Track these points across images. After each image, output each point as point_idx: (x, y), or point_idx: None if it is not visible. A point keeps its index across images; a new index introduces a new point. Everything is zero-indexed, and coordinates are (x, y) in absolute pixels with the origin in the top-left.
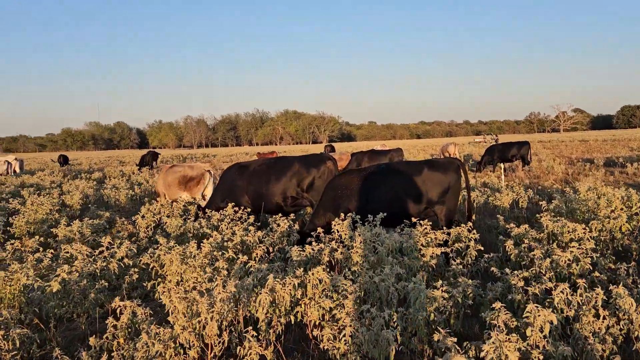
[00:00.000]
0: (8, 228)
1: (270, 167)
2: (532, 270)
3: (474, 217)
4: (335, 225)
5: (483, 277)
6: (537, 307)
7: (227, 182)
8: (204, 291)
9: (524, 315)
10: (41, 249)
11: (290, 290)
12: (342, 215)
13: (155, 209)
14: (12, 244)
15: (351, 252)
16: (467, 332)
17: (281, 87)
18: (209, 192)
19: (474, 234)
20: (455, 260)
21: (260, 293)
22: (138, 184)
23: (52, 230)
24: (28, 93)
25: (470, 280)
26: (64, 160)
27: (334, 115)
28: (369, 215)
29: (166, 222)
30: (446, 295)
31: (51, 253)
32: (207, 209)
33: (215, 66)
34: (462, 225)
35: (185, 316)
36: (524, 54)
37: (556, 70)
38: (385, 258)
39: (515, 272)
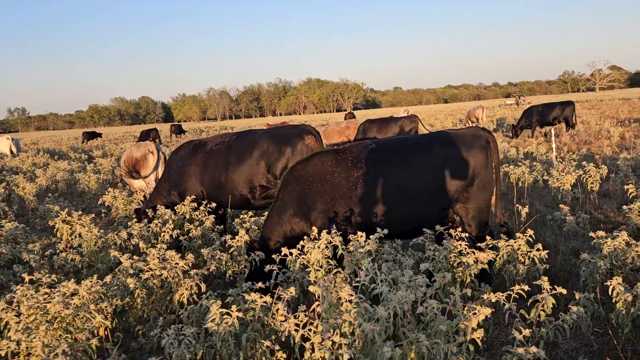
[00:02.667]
0: None
1: (231, 147)
2: None
3: (503, 219)
4: (304, 249)
5: (566, 337)
6: None
7: (175, 167)
8: None
9: None
10: None
11: None
12: (314, 226)
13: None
14: None
15: (315, 328)
16: None
17: (304, 55)
18: None
19: (539, 249)
20: (517, 319)
21: None
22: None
23: None
24: (57, 71)
25: None
26: (88, 137)
27: (357, 82)
28: (358, 221)
29: (79, 233)
30: None
31: None
32: (153, 206)
33: (237, 37)
34: (519, 235)
35: None
36: (553, 9)
37: (590, 26)
38: (381, 347)
39: None
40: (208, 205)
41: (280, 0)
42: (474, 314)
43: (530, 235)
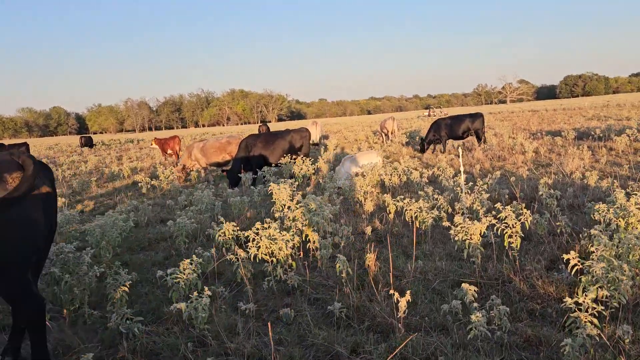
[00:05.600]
0: None
1: None
2: None
3: None
4: None
5: None
6: None
7: None
8: None
9: None
10: None
11: None
12: None
13: None
14: None
15: None
16: None
17: (228, 66)
18: None
19: None
20: None
21: None
22: None
23: None
24: None
25: None
26: None
27: (281, 94)
28: None
29: None
30: None
31: None
32: None
33: (158, 46)
34: None
35: None
36: (471, 24)
37: (501, 41)
38: None
39: None
40: None
41: (202, 10)
42: None
43: None
